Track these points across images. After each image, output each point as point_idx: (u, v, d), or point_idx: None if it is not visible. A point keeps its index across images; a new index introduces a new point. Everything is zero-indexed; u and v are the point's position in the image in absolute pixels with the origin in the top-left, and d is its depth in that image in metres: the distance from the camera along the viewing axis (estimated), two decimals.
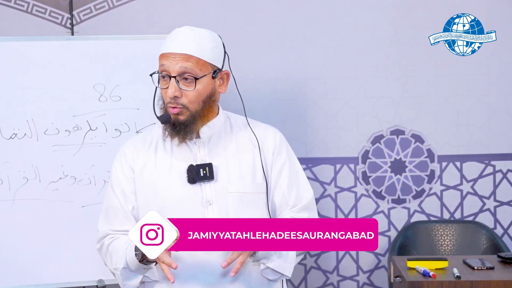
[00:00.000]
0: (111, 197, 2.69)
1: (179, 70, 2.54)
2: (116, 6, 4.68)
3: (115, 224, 2.66)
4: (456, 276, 3.50)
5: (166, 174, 2.62)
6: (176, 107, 2.56)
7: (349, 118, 4.76)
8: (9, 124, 3.92)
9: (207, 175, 2.59)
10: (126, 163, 2.68)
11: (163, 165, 2.63)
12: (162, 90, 2.60)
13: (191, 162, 2.61)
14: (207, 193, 2.60)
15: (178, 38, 2.60)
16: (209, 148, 2.65)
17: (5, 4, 4.63)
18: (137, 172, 2.65)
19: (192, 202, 2.59)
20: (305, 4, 4.71)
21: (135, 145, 2.71)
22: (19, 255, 3.89)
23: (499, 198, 4.77)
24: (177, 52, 2.56)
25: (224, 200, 2.60)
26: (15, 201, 3.91)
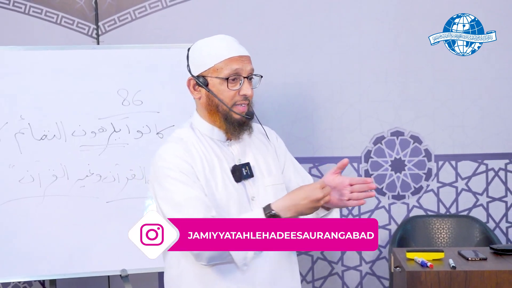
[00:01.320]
0: (185, 190, 2.49)
1: (250, 71, 2.59)
2: (138, 17, 4.68)
3: (204, 213, 2.46)
4: (451, 266, 3.49)
5: (214, 173, 2.57)
6: (245, 105, 2.58)
7: (352, 120, 4.75)
8: (40, 126, 3.94)
9: (248, 174, 2.60)
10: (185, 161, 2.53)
11: (214, 165, 2.58)
12: (232, 92, 2.56)
13: (230, 161, 2.60)
14: (250, 189, 2.60)
15: (235, 44, 2.65)
16: (239, 148, 2.64)
17: (36, 16, 4.64)
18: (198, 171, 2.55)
19: (240, 199, 2.57)
20: (312, 14, 4.70)
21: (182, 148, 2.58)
22: (49, 247, 3.90)
23: (491, 194, 4.75)
24: (243, 55, 2.60)
25: (264, 194, 2.61)
26: (45, 197, 3.92)
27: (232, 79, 2.56)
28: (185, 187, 2.49)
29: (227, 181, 2.57)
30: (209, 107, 2.60)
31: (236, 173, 2.58)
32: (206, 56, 2.61)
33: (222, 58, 2.57)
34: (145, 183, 4.02)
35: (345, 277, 4.81)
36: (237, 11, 4.70)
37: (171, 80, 4.08)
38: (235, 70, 2.55)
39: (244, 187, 2.60)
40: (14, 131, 3.91)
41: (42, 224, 3.90)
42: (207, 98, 2.60)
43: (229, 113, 2.57)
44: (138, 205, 3.98)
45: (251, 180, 2.61)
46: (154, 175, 2.58)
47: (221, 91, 2.56)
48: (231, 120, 2.58)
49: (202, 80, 2.59)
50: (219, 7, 4.70)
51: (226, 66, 2.56)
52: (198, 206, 2.45)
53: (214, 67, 2.57)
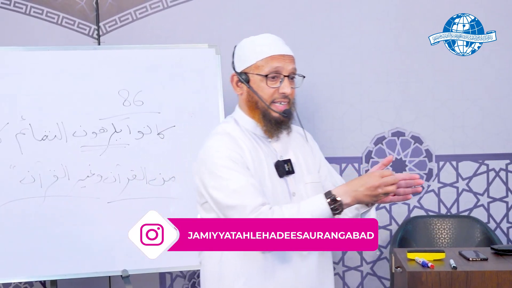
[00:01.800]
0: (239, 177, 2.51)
1: (291, 70, 2.63)
2: (139, 18, 4.68)
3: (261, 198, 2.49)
4: (452, 266, 3.49)
5: (261, 167, 2.61)
6: (285, 103, 2.62)
7: (353, 121, 4.75)
8: (41, 126, 3.94)
9: (290, 170, 2.64)
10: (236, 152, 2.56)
11: (257, 158, 2.62)
12: (271, 89, 2.61)
13: (273, 157, 2.65)
14: (291, 185, 2.64)
15: (279, 42, 2.69)
16: (280, 145, 2.69)
17: (37, 17, 4.64)
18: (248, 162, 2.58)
19: (282, 194, 2.61)
20: (313, 14, 4.70)
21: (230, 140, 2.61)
22: (49, 248, 3.90)
23: (492, 194, 4.75)
24: (286, 54, 2.64)
25: (304, 191, 2.65)
26: (46, 197, 3.92)
27: (272, 76, 2.61)
28: (239, 175, 2.51)
29: (272, 176, 2.61)
30: (249, 103, 2.66)
31: (279, 169, 2.62)
32: (249, 54, 2.66)
33: (263, 55, 2.62)
34: (146, 184, 4.02)
35: (346, 277, 4.81)
36: (237, 11, 4.69)
37: (172, 80, 4.08)
38: (276, 68, 2.61)
39: (286, 183, 2.64)
40: (15, 131, 3.91)
41: (43, 224, 3.90)
42: (247, 95, 2.66)
43: (267, 110, 2.62)
44: (139, 205, 3.99)
45: (292, 176, 2.65)
46: (203, 167, 2.59)
47: (261, 88, 2.61)
48: (269, 118, 2.62)
49: (244, 77, 2.64)
50: (219, 8, 4.70)
51: (267, 63, 2.61)
52: (255, 192, 2.48)
53: (256, 64, 2.62)
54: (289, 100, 2.63)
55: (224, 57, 4.30)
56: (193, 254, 3.82)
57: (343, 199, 2.44)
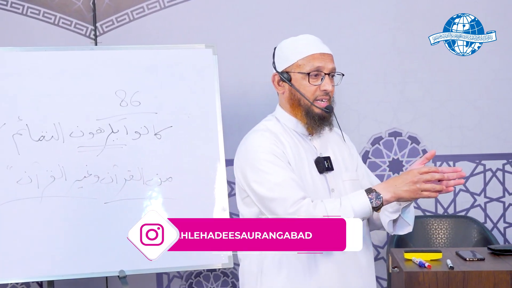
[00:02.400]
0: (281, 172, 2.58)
1: (331, 69, 2.72)
2: (136, 18, 4.68)
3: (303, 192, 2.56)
4: (449, 266, 3.49)
5: (302, 163, 2.67)
6: (326, 100, 2.70)
7: (351, 121, 4.75)
8: (38, 127, 3.93)
9: (329, 167, 2.71)
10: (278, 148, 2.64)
11: (298, 155, 2.68)
12: (313, 87, 2.68)
13: (313, 154, 2.72)
14: (330, 181, 2.70)
15: (318, 42, 2.80)
16: (320, 142, 2.76)
17: (34, 17, 4.64)
18: (289, 157, 2.66)
19: (322, 189, 2.68)
20: (311, 15, 4.70)
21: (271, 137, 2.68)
22: (46, 248, 3.89)
23: (489, 194, 4.75)
24: (326, 52, 2.75)
25: (343, 187, 2.71)
26: (43, 198, 3.91)
27: (314, 74, 2.69)
28: (281, 169, 2.59)
29: (313, 172, 2.67)
30: (292, 101, 2.72)
31: (320, 165, 2.69)
32: (290, 53, 2.75)
33: (304, 54, 2.72)
34: (143, 184, 4.02)
35: None
36: (235, 12, 4.69)
37: (169, 81, 4.08)
38: (317, 67, 2.69)
39: (326, 179, 2.70)
40: (12, 132, 3.90)
41: (40, 225, 3.89)
42: (289, 93, 2.73)
43: (310, 107, 2.69)
44: (136, 206, 3.99)
45: (332, 173, 2.71)
46: (245, 162, 2.66)
47: (303, 86, 2.69)
48: (312, 114, 2.69)
49: (285, 76, 2.72)
50: (217, 8, 4.70)
51: (308, 62, 2.70)
52: (296, 186, 2.56)
53: (297, 63, 2.71)
54: (329, 97, 2.71)
55: (221, 57, 4.30)
56: (190, 255, 3.85)
57: (383, 194, 2.50)
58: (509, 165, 4.73)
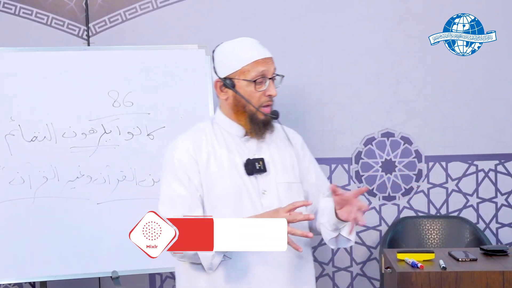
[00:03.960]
0: (175, 186, 2.64)
1: (273, 72, 2.71)
2: (129, 19, 4.68)
3: (183, 212, 2.61)
4: (442, 267, 3.50)
5: (226, 166, 2.68)
6: (270, 104, 2.72)
7: (343, 122, 4.76)
8: (30, 127, 3.93)
9: (261, 168, 2.70)
10: (190, 155, 2.67)
11: (223, 159, 2.69)
12: (258, 93, 2.68)
13: (244, 155, 2.71)
14: (262, 183, 2.70)
15: (258, 46, 2.77)
16: (256, 144, 2.74)
17: (26, 17, 4.63)
18: (202, 164, 2.67)
19: (250, 191, 2.68)
20: (304, 16, 4.70)
21: (193, 140, 2.72)
22: (39, 249, 3.89)
23: (481, 195, 4.76)
24: (268, 56, 2.72)
25: (276, 190, 2.71)
26: (35, 198, 3.91)
27: (258, 81, 2.67)
28: (175, 183, 2.63)
29: (236, 174, 2.67)
30: (236, 107, 2.70)
31: (248, 166, 2.68)
32: (232, 59, 2.71)
33: (248, 61, 2.68)
34: (136, 185, 4.02)
35: (336, 278, 4.81)
36: (228, 12, 4.69)
37: (162, 81, 4.08)
38: (261, 72, 2.68)
39: (256, 181, 2.69)
40: (4, 132, 3.90)
41: (32, 225, 3.89)
42: (234, 99, 2.70)
43: (255, 113, 2.69)
44: (129, 206, 3.99)
45: (264, 174, 2.70)
46: (163, 159, 2.73)
47: (248, 93, 2.67)
48: (257, 121, 2.70)
49: (229, 82, 2.68)
50: (210, 9, 4.69)
51: (253, 68, 2.67)
52: (178, 205, 2.60)
53: (241, 70, 2.68)
54: (273, 101, 2.72)
55: None
56: None
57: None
58: (502, 165, 4.74)
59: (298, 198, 2.72)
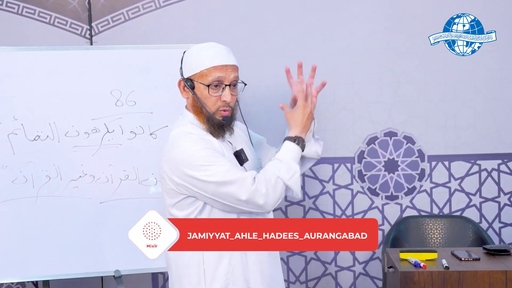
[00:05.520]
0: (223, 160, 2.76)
1: (233, 79, 2.83)
2: (132, 18, 4.67)
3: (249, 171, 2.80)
4: (445, 266, 3.49)
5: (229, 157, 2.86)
6: (227, 110, 2.83)
7: (346, 121, 4.75)
8: (33, 126, 3.93)
9: (246, 158, 2.92)
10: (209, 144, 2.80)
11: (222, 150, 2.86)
12: (214, 97, 2.81)
13: (230, 149, 2.90)
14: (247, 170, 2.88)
15: (222, 53, 2.85)
16: (232, 139, 2.93)
17: (29, 17, 4.62)
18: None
19: None
20: (305, 16, 4.69)
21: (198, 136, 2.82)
22: (42, 248, 3.89)
23: (484, 194, 4.75)
24: (228, 64, 2.83)
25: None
26: (38, 198, 3.91)
27: (214, 85, 2.80)
28: (223, 159, 2.76)
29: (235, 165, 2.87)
30: (194, 108, 2.88)
31: (240, 157, 2.90)
32: (195, 62, 2.85)
33: (207, 65, 2.81)
34: (138, 184, 4.01)
35: (338, 277, 4.81)
36: (230, 12, 4.69)
37: (165, 81, 4.06)
38: (218, 78, 2.80)
39: (245, 170, 2.87)
40: (7, 131, 3.90)
41: (35, 225, 3.89)
42: (193, 100, 2.88)
43: (210, 116, 2.84)
44: (131, 205, 3.99)
45: (248, 163, 2.93)
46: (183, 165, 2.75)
47: (204, 96, 2.83)
48: (212, 123, 2.84)
49: (189, 83, 2.86)
50: (212, 8, 4.69)
51: (210, 73, 2.80)
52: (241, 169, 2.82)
53: (200, 73, 2.82)
54: (231, 107, 2.85)
55: None
56: None
57: (302, 135, 2.88)
58: (504, 165, 4.73)
59: None
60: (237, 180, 2.70)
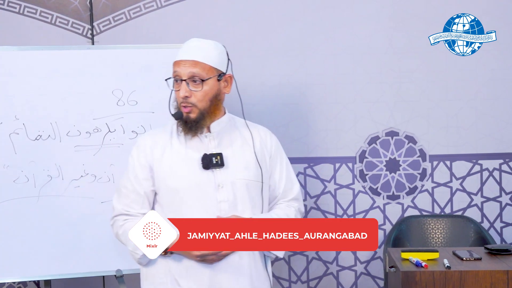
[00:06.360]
0: (126, 180, 2.87)
1: (189, 74, 2.77)
2: (133, 17, 4.67)
3: (126, 203, 2.85)
4: (446, 266, 3.49)
5: (182, 161, 2.81)
6: (187, 106, 2.78)
7: (347, 121, 4.75)
8: (34, 126, 3.92)
9: (218, 163, 2.79)
10: (143, 152, 2.85)
11: (179, 154, 2.82)
12: (176, 93, 2.81)
13: (203, 152, 2.81)
14: (218, 178, 2.80)
15: (187, 48, 2.83)
16: (218, 141, 2.85)
17: (30, 16, 4.63)
18: (156, 160, 2.83)
19: (206, 185, 2.78)
20: (307, 16, 4.69)
21: (152, 137, 2.90)
22: (43, 248, 3.89)
23: (485, 194, 4.75)
24: (186, 59, 2.79)
25: (233, 185, 2.80)
26: (40, 197, 3.91)
27: (175, 80, 2.81)
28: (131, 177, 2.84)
29: (191, 168, 2.79)
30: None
31: (204, 161, 2.78)
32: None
33: (174, 60, 2.83)
34: None
35: (340, 277, 4.80)
36: (232, 11, 4.69)
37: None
38: (175, 73, 2.81)
39: (213, 175, 2.79)
40: (9, 131, 3.89)
41: (36, 224, 3.89)
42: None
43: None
44: None
45: (222, 169, 2.81)
46: None
47: (174, 91, 2.85)
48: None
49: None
50: (214, 8, 4.69)
51: (172, 68, 2.83)
52: (127, 200, 2.84)
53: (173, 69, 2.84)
54: (193, 103, 2.78)
55: None
56: None
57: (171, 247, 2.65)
58: (506, 164, 4.73)
59: (255, 196, 2.84)
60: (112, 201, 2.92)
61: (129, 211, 2.84)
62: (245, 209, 2.79)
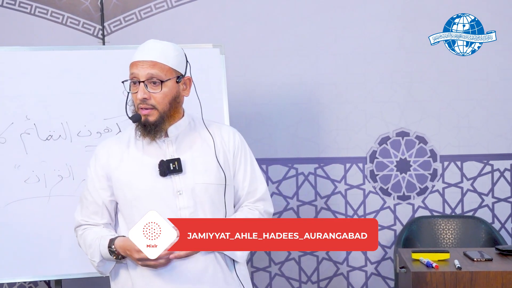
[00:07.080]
0: (85, 191, 2.84)
1: (147, 76, 2.67)
2: (144, 18, 4.68)
3: (86, 214, 2.83)
4: (457, 267, 3.47)
5: (139, 168, 2.73)
6: (146, 108, 2.68)
7: (358, 121, 4.74)
8: (45, 126, 3.92)
9: (176, 169, 2.70)
10: (99, 163, 2.80)
11: (136, 161, 2.74)
12: (133, 95, 2.72)
13: (161, 158, 2.72)
14: (177, 184, 2.71)
15: (145, 49, 2.73)
16: (176, 146, 2.76)
17: (41, 17, 4.64)
18: (113, 169, 2.76)
19: (164, 192, 2.70)
20: (317, 16, 4.69)
21: (109, 146, 2.83)
22: (54, 247, 3.89)
23: (496, 195, 4.73)
24: (144, 60, 2.69)
25: (193, 190, 2.71)
26: (50, 197, 3.91)
27: (133, 82, 2.72)
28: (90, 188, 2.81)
29: (149, 175, 2.71)
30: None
31: (161, 168, 2.69)
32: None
33: (130, 62, 2.74)
34: None
35: (350, 277, 4.80)
36: (242, 12, 4.69)
37: None
38: (132, 75, 2.71)
39: (172, 181, 2.70)
40: (20, 131, 3.90)
41: (47, 224, 3.89)
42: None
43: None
44: None
45: (181, 175, 2.71)
46: None
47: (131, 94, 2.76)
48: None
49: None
50: (224, 8, 4.69)
51: (129, 70, 2.73)
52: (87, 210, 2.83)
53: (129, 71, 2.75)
54: (152, 105, 2.69)
55: (229, 57, 4.30)
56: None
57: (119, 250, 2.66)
58: None
59: (217, 200, 2.75)
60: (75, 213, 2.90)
61: (88, 221, 2.82)
62: (207, 215, 2.70)
